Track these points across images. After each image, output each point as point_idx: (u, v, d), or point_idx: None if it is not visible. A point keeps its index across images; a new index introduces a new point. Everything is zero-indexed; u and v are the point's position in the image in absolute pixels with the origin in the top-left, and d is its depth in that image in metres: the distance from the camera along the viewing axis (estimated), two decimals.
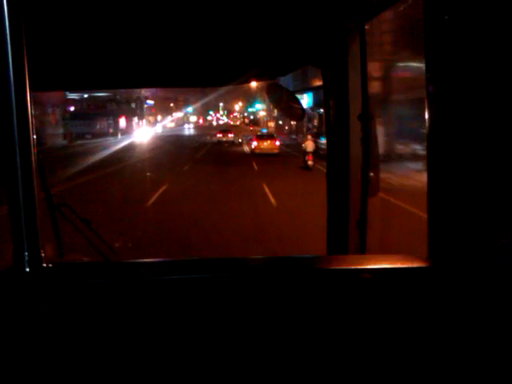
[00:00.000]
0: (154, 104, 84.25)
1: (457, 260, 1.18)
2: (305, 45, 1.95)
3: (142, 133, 54.15)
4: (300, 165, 19.17)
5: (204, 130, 75.26)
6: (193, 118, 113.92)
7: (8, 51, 1.07)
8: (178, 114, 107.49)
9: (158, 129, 74.48)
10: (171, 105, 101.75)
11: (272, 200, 12.25)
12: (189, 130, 76.48)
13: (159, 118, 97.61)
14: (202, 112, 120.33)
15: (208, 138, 48.89)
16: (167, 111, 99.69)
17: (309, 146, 19.02)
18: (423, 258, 1.26)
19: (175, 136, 55.22)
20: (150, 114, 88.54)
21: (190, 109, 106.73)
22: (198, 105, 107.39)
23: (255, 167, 20.64)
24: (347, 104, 1.80)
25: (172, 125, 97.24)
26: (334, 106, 1.89)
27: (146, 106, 76.92)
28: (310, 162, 18.37)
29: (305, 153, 19.12)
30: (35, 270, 1.20)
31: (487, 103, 1.08)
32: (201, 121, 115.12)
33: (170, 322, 1.14)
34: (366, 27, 1.65)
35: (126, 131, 54.87)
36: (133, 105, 58.56)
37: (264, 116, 72.40)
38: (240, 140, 39.05)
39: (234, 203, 11.49)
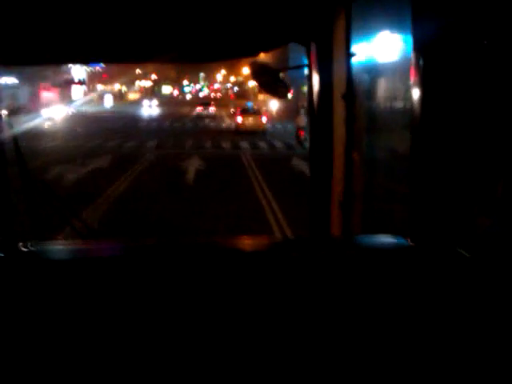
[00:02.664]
0: (107, 68, 60.58)
1: (437, 239, 1.20)
2: (290, 22, 1.80)
3: (56, 112, 32.68)
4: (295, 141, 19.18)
5: (172, 106, 51.57)
6: (167, 89, 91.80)
7: None
8: (145, 84, 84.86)
9: (105, 105, 51.29)
10: (138, 71, 78.87)
11: None
12: (149, 107, 51.16)
13: (123, 88, 76.41)
14: (179, 82, 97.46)
15: (165, 125, 26.35)
16: (131, 79, 77.47)
17: (301, 121, 19.00)
18: (405, 237, 1.29)
19: (105, 120, 32.97)
20: (103, 82, 66.27)
21: (153, 76, 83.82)
22: (172, 73, 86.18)
23: None
24: (332, 83, 1.72)
25: (136, 96, 75.96)
26: (317, 85, 1.77)
27: (93, 68, 54.41)
28: (302, 137, 18.50)
29: (298, 128, 19.31)
30: (10, 254, 1.19)
31: (470, 93, 1.11)
32: (176, 92, 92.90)
33: (145, 303, 1.13)
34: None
35: (27, 109, 31.14)
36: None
37: (255, 87, 51.54)
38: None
39: None
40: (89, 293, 1.12)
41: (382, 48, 18.33)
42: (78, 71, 50.03)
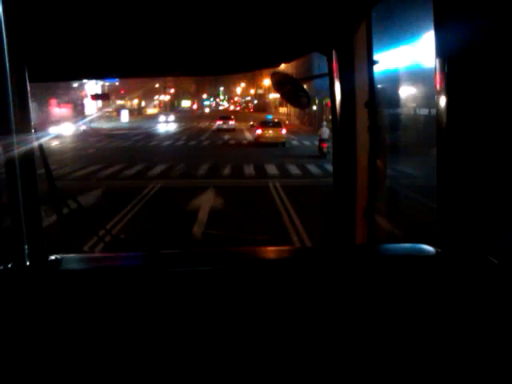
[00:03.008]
0: (125, 83, 59.15)
1: (465, 246, 1.19)
2: (311, 31, 1.82)
3: (65, 129, 31.41)
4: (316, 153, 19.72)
5: (189, 121, 49.11)
6: (186, 103, 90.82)
7: (4, 43, 1.08)
8: (164, 98, 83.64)
9: (122, 120, 49.41)
10: (156, 85, 77.83)
11: None
12: (166, 122, 48.65)
13: (142, 103, 75.32)
14: (198, 95, 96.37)
15: (179, 143, 24.99)
16: (150, 93, 76.50)
17: (324, 132, 19.16)
18: (432, 246, 1.28)
19: (117, 137, 30.72)
20: (121, 97, 64.87)
21: (171, 90, 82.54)
22: (192, 87, 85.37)
23: None
24: (354, 92, 1.72)
25: (155, 111, 74.90)
26: (340, 94, 1.77)
27: (106, 83, 52.95)
28: (325, 149, 18.93)
29: (320, 140, 19.55)
30: (37, 264, 1.21)
31: (497, 100, 1.10)
32: (195, 106, 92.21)
33: (170, 313, 1.15)
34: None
35: (36, 126, 28.76)
36: None
37: (275, 99, 53.40)
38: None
39: None
40: (114, 302, 1.13)
41: (430, 51, 15.27)
42: (93, 86, 48.24)
